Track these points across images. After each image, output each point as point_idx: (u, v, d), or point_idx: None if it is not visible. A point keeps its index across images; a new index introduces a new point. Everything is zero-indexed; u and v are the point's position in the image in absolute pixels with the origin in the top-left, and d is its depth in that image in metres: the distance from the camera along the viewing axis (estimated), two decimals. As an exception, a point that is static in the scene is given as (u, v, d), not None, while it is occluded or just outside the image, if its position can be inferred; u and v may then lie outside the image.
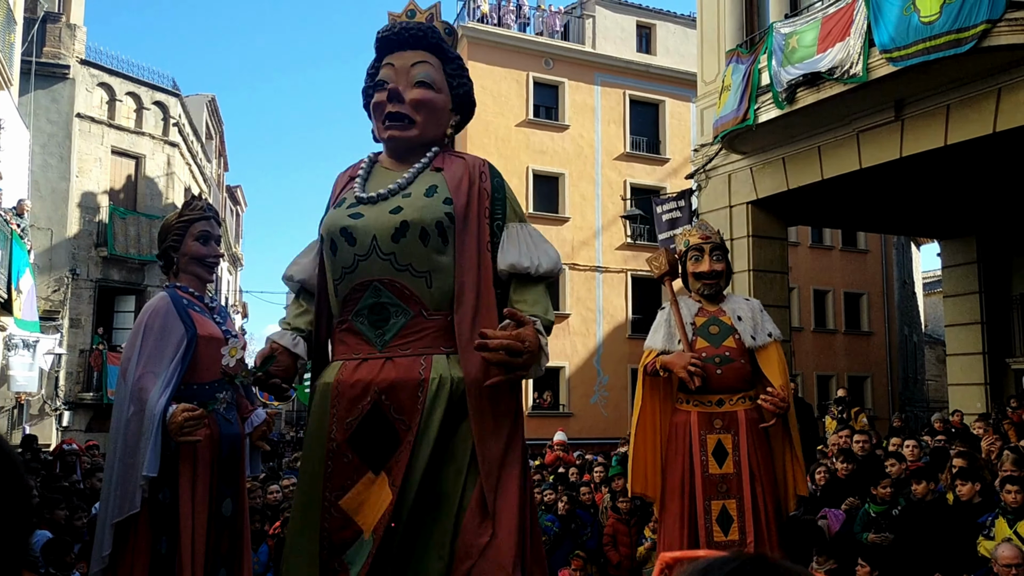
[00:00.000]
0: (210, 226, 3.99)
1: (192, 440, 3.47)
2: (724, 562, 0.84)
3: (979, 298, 15.32)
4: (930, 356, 32.35)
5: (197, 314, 3.80)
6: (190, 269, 3.97)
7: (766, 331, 4.92)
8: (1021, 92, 9.48)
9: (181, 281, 3.96)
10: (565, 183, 24.21)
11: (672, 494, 4.76)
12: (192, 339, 3.66)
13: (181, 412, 3.43)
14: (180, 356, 3.61)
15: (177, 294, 3.85)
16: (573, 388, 23.63)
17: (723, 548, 4.62)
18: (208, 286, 4.17)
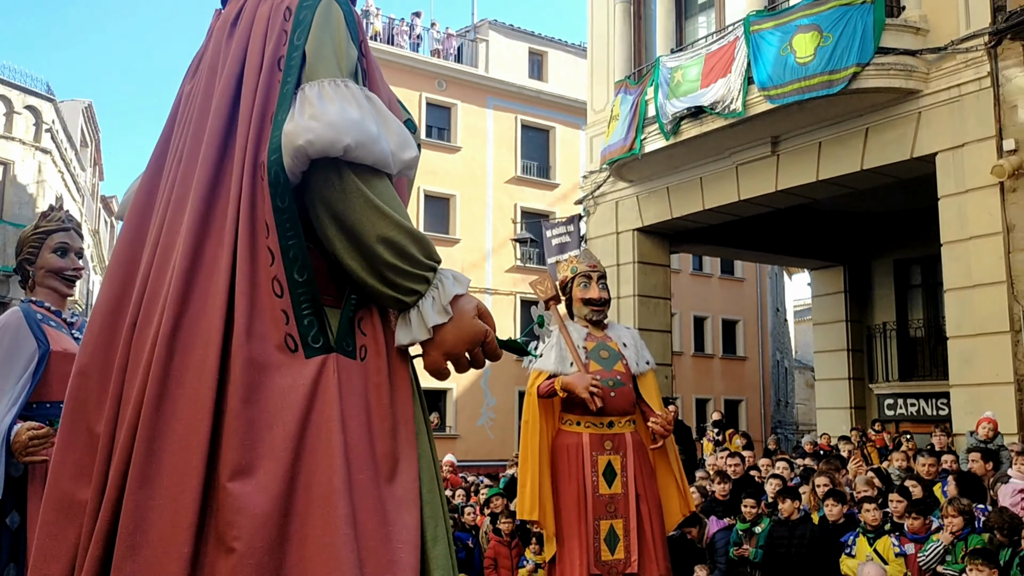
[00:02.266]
0: (69, 238, 3.80)
1: (37, 460, 3.29)
2: None
3: (845, 326, 16.16)
4: (800, 380, 33.87)
5: (52, 329, 3.61)
6: (47, 283, 3.78)
7: (644, 359, 5.15)
8: (887, 132, 10.10)
9: (37, 295, 3.76)
10: (456, 204, 24.27)
11: (569, 514, 4.81)
12: (44, 355, 3.47)
13: (26, 431, 3.26)
14: (30, 373, 3.43)
15: (31, 309, 3.65)
16: (460, 410, 23.58)
17: (610, 567, 4.71)
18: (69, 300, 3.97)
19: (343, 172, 1.64)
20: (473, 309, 1.73)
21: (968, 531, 5.84)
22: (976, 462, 7.19)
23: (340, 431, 1.61)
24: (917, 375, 15.20)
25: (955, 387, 9.54)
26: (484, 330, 1.75)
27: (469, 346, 1.74)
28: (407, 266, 1.66)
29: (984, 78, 9.16)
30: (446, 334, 1.70)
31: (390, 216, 1.66)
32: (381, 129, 1.69)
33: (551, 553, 4.88)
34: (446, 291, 1.70)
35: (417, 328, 1.70)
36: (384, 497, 1.65)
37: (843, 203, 13.11)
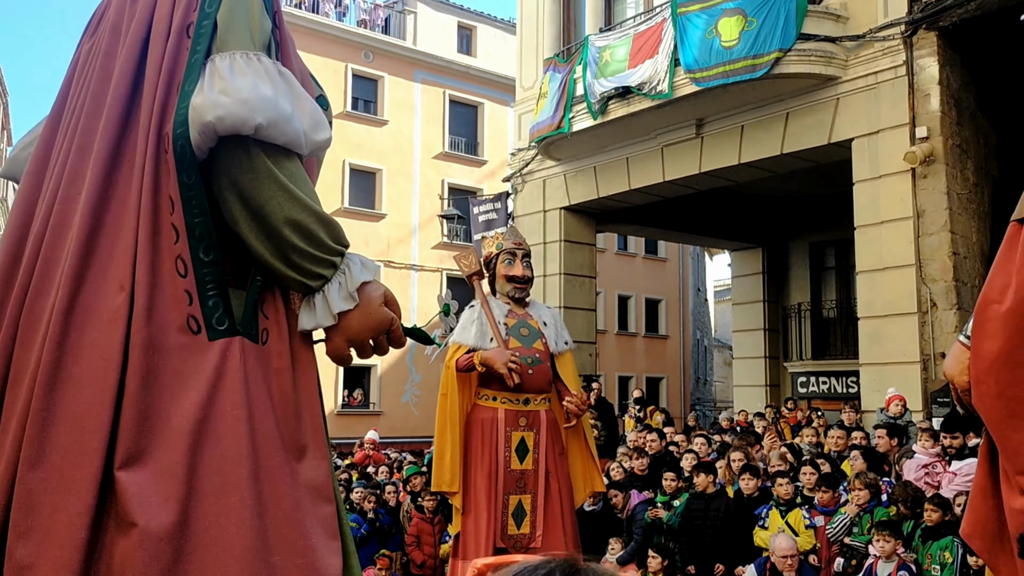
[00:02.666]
0: None
1: None
2: (535, 568, 0.84)
3: (762, 306, 16.60)
4: (718, 359, 34.69)
5: None
6: None
7: (564, 338, 5.22)
8: (806, 117, 10.35)
9: None
10: (382, 179, 23.98)
11: (479, 489, 4.85)
12: None
13: None
14: None
15: None
16: (384, 386, 23.45)
17: (515, 541, 4.79)
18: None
19: (252, 151, 1.58)
20: (380, 296, 1.71)
21: (874, 504, 6.09)
22: (882, 438, 7.48)
23: (247, 417, 1.56)
24: (829, 354, 15.72)
25: (864, 366, 9.90)
26: (390, 318, 1.73)
27: (374, 333, 1.72)
28: (314, 250, 1.62)
29: (900, 67, 9.45)
30: (351, 320, 1.68)
31: (299, 198, 1.61)
32: (294, 108, 1.63)
33: (459, 526, 4.92)
34: (353, 277, 1.67)
35: (322, 313, 1.67)
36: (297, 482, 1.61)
37: (763, 186, 13.42)
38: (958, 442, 6.55)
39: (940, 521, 5.50)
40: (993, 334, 2.55)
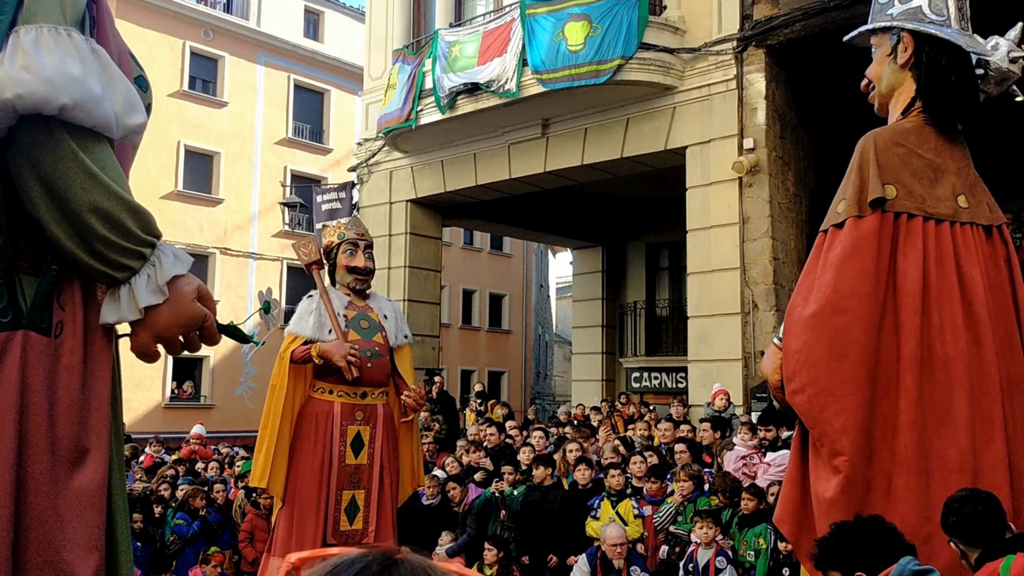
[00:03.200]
0: None
1: None
2: (352, 561, 0.83)
3: (601, 304, 17.16)
4: (559, 354, 35.54)
5: None
6: None
7: (403, 332, 5.20)
8: (645, 123, 10.77)
9: None
10: (221, 163, 23.04)
11: (308, 484, 4.75)
12: None
13: None
14: None
15: None
16: (217, 379, 22.57)
17: (347, 536, 4.73)
18: None
19: (56, 132, 1.47)
20: (193, 291, 1.63)
21: (697, 494, 6.44)
22: (706, 431, 7.91)
23: (15, 422, 1.45)
24: (661, 351, 16.44)
25: (692, 362, 10.43)
26: (203, 313, 1.65)
27: (184, 330, 1.64)
28: (121, 240, 1.52)
29: (731, 80, 9.99)
30: (160, 316, 1.59)
31: (106, 184, 1.50)
32: (106, 89, 1.53)
33: (276, 518, 4.84)
34: (164, 270, 1.58)
35: (127, 307, 1.57)
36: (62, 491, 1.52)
37: (605, 187, 13.86)
38: (772, 435, 7.01)
39: (755, 509, 5.88)
40: (797, 335, 2.76)
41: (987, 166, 9.61)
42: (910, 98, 2.89)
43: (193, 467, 10.22)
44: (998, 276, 2.80)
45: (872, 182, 2.72)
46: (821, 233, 2.88)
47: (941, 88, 2.82)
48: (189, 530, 7.89)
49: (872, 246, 2.70)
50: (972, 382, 2.67)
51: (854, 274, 2.68)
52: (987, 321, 2.69)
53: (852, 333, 2.67)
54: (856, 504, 2.67)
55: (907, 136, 2.83)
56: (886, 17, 2.94)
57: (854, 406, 2.66)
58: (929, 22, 2.84)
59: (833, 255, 2.72)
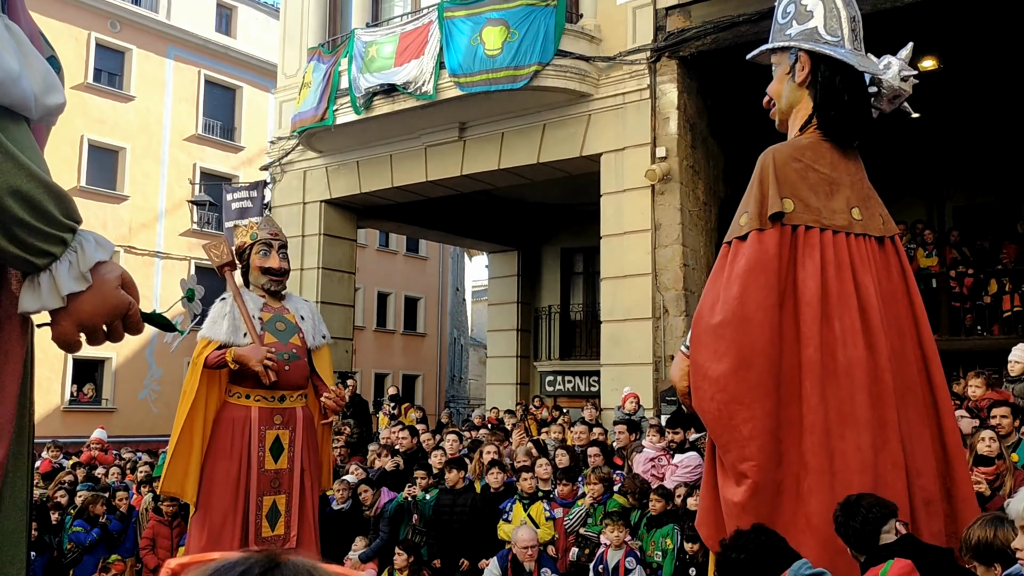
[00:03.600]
0: None
1: None
2: (232, 565, 0.82)
3: (516, 307, 17.25)
4: (474, 357, 35.56)
5: None
6: None
7: (321, 332, 5.13)
8: (561, 129, 10.89)
9: None
10: (126, 158, 22.29)
11: (224, 491, 4.64)
12: None
13: None
14: None
15: None
16: (120, 381, 21.80)
17: (270, 543, 4.64)
18: None
19: None
20: (116, 278, 1.56)
21: (608, 496, 6.53)
22: (623, 434, 8.01)
23: None
24: (575, 355, 16.63)
25: (605, 366, 10.58)
26: (127, 301, 1.59)
27: (108, 318, 1.57)
28: (41, 224, 1.45)
29: (644, 90, 10.19)
30: (82, 303, 1.52)
31: (26, 166, 1.43)
32: (23, 67, 1.45)
33: (189, 526, 4.73)
34: (86, 256, 1.51)
35: (48, 294, 1.50)
36: None
37: (521, 192, 13.95)
38: (680, 437, 7.17)
39: (663, 511, 6.01)
40: (705, 344, 2.84)
41: (885, 180, 10.05)
42: (807, 115, 3.00)
43: (92, 473, 9.85)
44: (891, 285, 2.93)
45: (771, 196, 2.81)
46: (725, 244, 2.96)
47: (835, 106, 2.94)
48: (88, 538, 7.61)
49: (774, 259, 2.79)
50: (870, 386, 2.78)
51: (759, 286, 2.77)
52: (880, 328, 2.81)
53: (758, 343, 2.75)
54: (766, 507, 2.75)
55: (804, 151, 2.93)
56: (785, 37, 3.07)
57: (761, 413, 2.74)
58: (824, 42, 2.96)
59: (738, 267, 2.80)
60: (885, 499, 2.70)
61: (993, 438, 5.37)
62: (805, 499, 2.75)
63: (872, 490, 2.70)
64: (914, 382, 2.93)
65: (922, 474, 2.85)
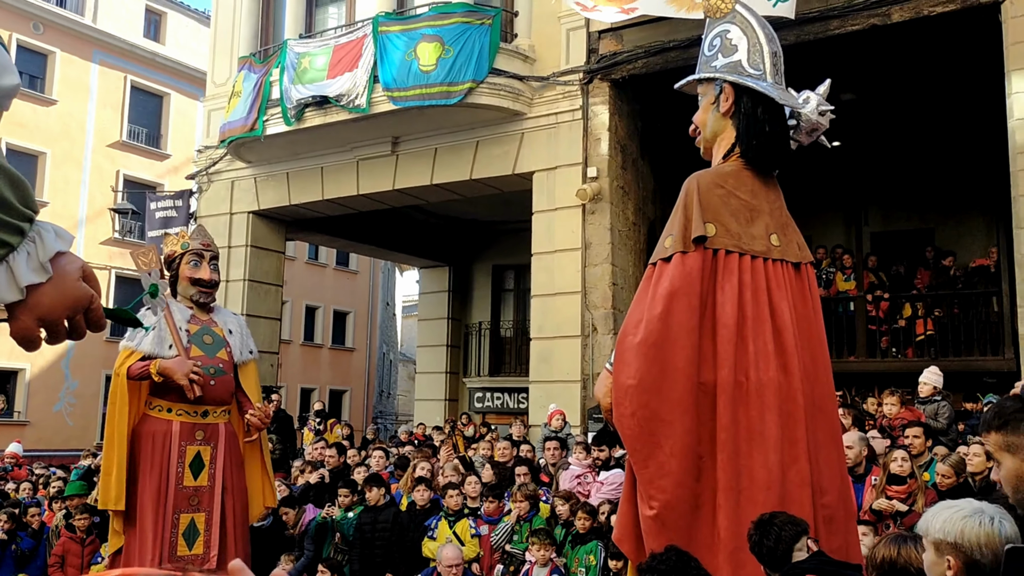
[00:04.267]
0: None
1: None
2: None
3: (446, 323, 17.21)
4: (403, 373, 35.32)
5: None
6: None
7: (248, 347, 5.04)
8: (494, 147, 10.95)
9: None
10: (46, 164, 21.60)
11: (146, 507, 4.52)
12: None
13: None
14: None
15: None
16: (33, 393, 21.00)
17: (186, 562, 4.51)
18: None
19: None
20: (77, 270, 1.48)
21: (534, 513, 6.55)
22: (556, 450, 8.02)
23: None
24: (504, 371, 16.65)
25: (534, 383, 10.63)
26: (89, 294, 1.50)
27: (69, 312, 1.48)
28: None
29: (577, 110, 10.33)
30: (42, 296, 1.43)
31: None
32: None
33: (116, 546, 4.57)
34: (46, 246, 1.43)
35: (6, 287, 1.41)
36: None
37: (453, 208, 13.96)
38: (605, 454, 7.24)
39: (589, 528, 6.05)
40: (628, 362, 2.90)
41: (807, 206, 10.39)
42: (730, 144, 3.12)
43: (2, 488, 9.46)
44: (805, 308, 3.04)
45: (695, 221, 2.91)
46: (651, 265, 3.04)
47: (757, 136, 3.06)
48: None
49: (696, 281, 2.89)
50: (780, 406, 2.87)
51: (681, 308, 2.85)
52: (794, 350, 2.92)
53: (679, 362, 2.83)
54: (683, 522, 2.81)
55: (727, 179, 3.05)
56: (711, 68, 3.18)
57: (682, 430, 2.81)
58: (748, 75, 3.07)
59: (662, 288, 2.88)
60: (796, 517, 2.78)
61: (905, 458, 5.58)
62: (716, 515, 2.83)
63: (778, 507, 2.79)
64: (825, 402, 3.04)
65: (827, 492, 2.96)
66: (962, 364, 11.43)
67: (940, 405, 7.52)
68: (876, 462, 5.89)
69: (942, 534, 2.08)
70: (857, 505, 5.68)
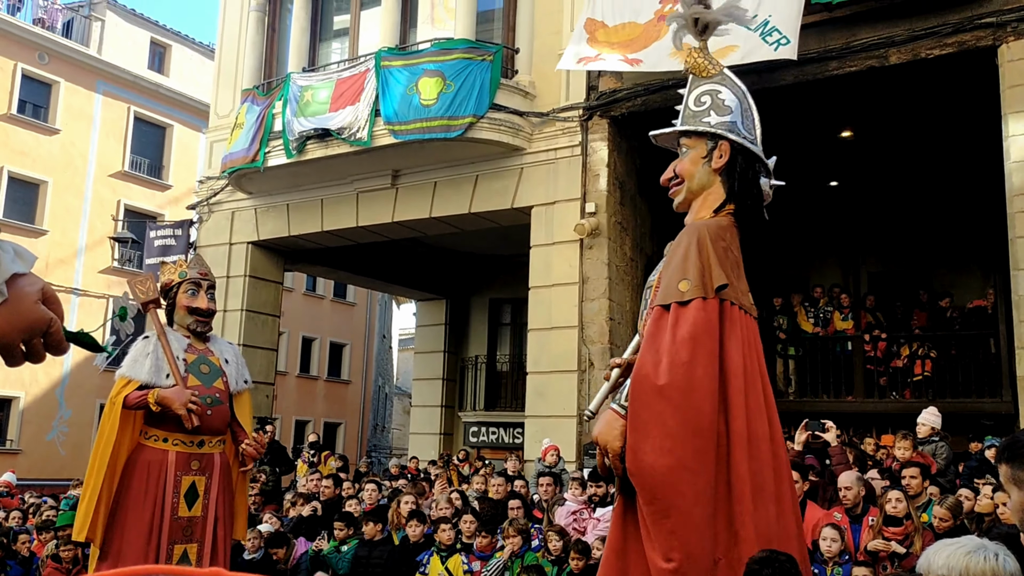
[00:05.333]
0: None
1: None
2: None
3: (443, 356, 17.16)
4: (398, 406, 35.14)
5: None
6: None
7: (244, 377, 5.02)
8: (494, 181, 11.00)
9: None
10: (47, 192, 21.67)
11: (137, 537, 4.46)
12: None
13: None
14: None
15: None
16: (26, 421, 20.86)
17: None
18: None
19: None
20: (36, 292, 1.44)
21: (526, 549, 6.48)
22: (549, 486, 7.97)
23: None
24: (500, 405, 16.57)
25: (529, 418, 10.58)
26: (48, 318, 1.46)
27: (25, 335, 1.44)
28: None
29: (576, 146, 10.40)
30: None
31: None
32: None
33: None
34: (2, 267, 1.39)
35: None
36: None
37: (451, 241, 13.99)
38: (602, 491, 7.18)
39: (583, 568, 5.97)
40: (648, 405, 2.85)
41: (805, 244, 10.36)
42: (720, 199, 3.19)
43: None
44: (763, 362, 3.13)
45: (715, 269, 2.94)
46: (660, 308, 3.01)
47: (751, 196, 3.15)
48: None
49: (716, 329, 2.90)
50: (772, 460, 2.90)
51: (705, 353, 2.85)
52: (772, 404, 2.98)
53: (705, 410, 2.80)
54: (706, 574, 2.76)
55: (725, 233, 3.13)
56: (704, 124, 3.23)
57: (705, 481, 2.77)
58: (744, 137, 3.16)
59: (683, 332, 2.86)
60: None
61: (900, 498, 5.53)
62: (735, 568, 2.79)
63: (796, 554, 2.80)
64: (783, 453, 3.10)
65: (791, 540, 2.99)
66: (960, 406, 11.39)
67: (938, 446, 7.48)
68: (875, 502, 5.84)
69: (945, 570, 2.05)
70: (855, 546, 5.65)
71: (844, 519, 5.83)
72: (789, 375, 13.32)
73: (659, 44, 8.96)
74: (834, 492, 6.41)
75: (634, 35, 9.34)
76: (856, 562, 5.28)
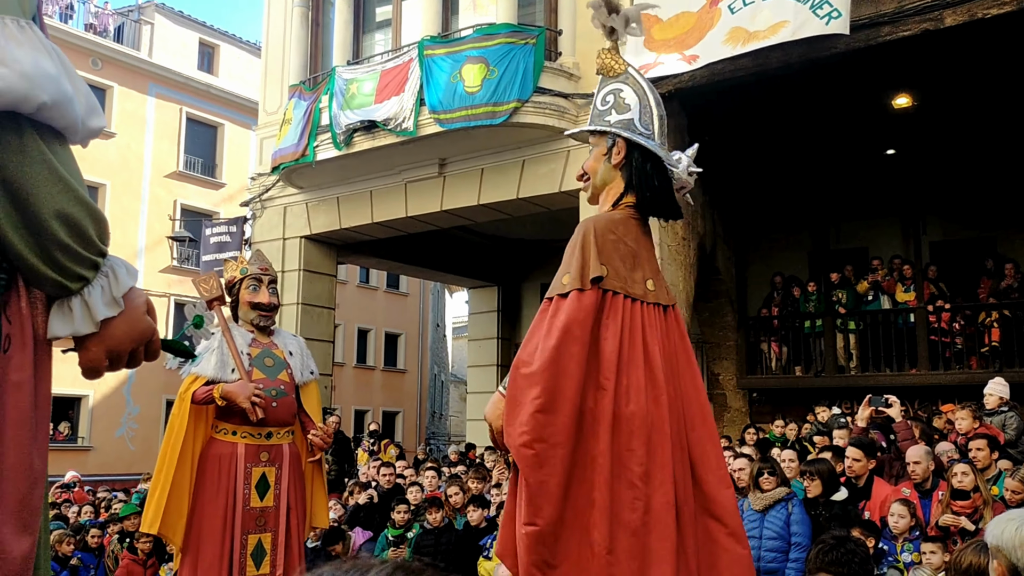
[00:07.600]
0: None
1: None
2: None
3: (496, 343, 17.22)
4: (454, 394, 35.43)
5: None
6: None
7: (309, 368, 5.09)
8: (540, 165, 10.97)
9: None
10: (106, 195, 22.24)
11: (211, 531, 4.58)
12: None
13: None
14: None
15: None
16: (96, 419, 21.52)
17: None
18: None
19: (25, 132, 1.36)
20: (144, 304, 1.55)
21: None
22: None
23: None
24: (556, 390, 16.54)
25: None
26: (153, 328, 1.58)
27: (136, 344, 1.55)
28: (80, 248, 1.43)
29: (623, 127, 10.28)
30: (114, 329, 1.50)
31: (74, 189, 1.41)
32: (74, 89, 1.43)
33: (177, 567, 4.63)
34: (119, 281, 1.48)
35: (81, 319, 1.46)
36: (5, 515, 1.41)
37: (500, 227, 14.00)
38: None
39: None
40: (522, 388, 3.07)
41: (864, 214, 10.13)
42: (619, 193, 3.39)
43: (60, 512, 9.68)
44: (671, 346, 3.32)
45: (592, 262, 3.18)
46: (546, 300, 3.28)
47: (648, 189, 3.35)
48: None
49: (589, 318, 3.14)
50: (649, 435, 3.11)
51: (573, 340, 3.08)
52: (663, 384, 3.19)
53: (567, 391, 3.05)
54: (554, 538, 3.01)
55: (617, 226, 3.33)
56: (605, 123, 3.46)
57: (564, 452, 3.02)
58: (640, 133, 3.36)
59: (558, 321, 3.12)
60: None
61: (966, 472, 5.39)
62: (589, 531, 3.03)
63: (642, 523, 3.02)
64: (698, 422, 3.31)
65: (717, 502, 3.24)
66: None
67: (1007, 416, 7.28)
68: (944, 477, 5.71)
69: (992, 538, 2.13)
70: (925, 520, 5.53)
71: (914, 494, 5.72)
72: (850, 349, 13.08)
73: (712, 33, 8.91)
74: (901, 468, 6.28)
75: (688, 26, 9.25)
76: (926, 537, 5.17)
